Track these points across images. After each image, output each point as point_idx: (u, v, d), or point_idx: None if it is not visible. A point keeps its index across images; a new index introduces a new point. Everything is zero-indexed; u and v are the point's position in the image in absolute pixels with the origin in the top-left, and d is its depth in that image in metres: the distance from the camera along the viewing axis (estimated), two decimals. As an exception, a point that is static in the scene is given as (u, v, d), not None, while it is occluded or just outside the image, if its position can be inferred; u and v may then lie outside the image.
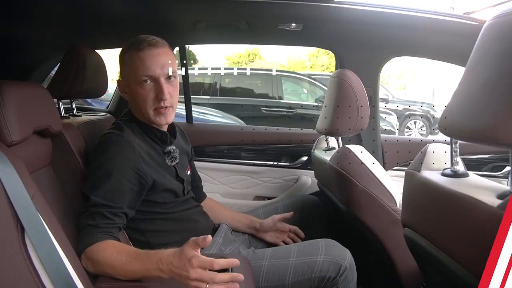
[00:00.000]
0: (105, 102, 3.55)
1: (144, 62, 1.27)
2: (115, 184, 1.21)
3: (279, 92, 6.53)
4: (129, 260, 1.10)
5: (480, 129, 0.68)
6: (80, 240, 1.14)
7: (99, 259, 1.11)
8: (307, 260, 1.34)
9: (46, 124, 1.17)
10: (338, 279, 1.33)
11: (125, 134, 1.29)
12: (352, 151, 1.44)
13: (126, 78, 1.34)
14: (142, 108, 1.32)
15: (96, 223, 1.15)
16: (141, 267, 1.08)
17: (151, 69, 1.27)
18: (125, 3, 1.59)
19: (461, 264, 0.77)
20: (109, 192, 1.19)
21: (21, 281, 0.78)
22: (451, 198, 0.78)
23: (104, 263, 1.10)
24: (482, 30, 0.76)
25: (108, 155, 1.24)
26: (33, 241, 0.82)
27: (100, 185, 1.20)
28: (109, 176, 1.21)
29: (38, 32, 1.92)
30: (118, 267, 1.10)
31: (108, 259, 1.10)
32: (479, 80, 0.72)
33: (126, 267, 1.09)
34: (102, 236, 1.14)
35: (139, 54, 1.28)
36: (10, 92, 0.98)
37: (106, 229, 1.16)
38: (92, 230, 1.14)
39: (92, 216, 1.16)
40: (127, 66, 1.32)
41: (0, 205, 0.79)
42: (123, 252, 1.12)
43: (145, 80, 1.28)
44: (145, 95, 1.29)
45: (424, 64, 16.36)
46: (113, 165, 1.22)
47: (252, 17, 1.78)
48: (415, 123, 9.18)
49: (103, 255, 1.11)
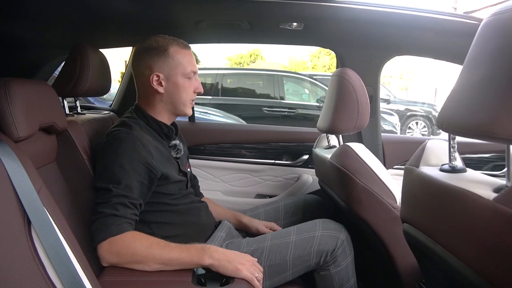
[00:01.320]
0: (107, 101, 3.58)
1: (190, 59, 1.43)
2: (131, 177, 1.25)
3: (280, 93, 6.54)
4: (166, 246, 1.18)
5: (476, 124, 0.69)
6: (103, 228, 1.16)
7: (132, 246, 1.16)
8: (306, 236, 1.43)
9: (52, 121, 1.19)
10: (337, 251, 1.42)
11: (134, 132, 1.33)
12: (352, 149, 1.45)
13: (168, 71, 1.40)
14: (183, 99, 1.44)
15: (122, 213, 1.19)
16: (182, 251, 1.18)
17: (195, 66, 1.45)
18: (128, 3, 1.61)
19: (458, 258, 0.78)
20: (127, 185, 1.24)
21: (28, 274, 0.78)
22: (448, 192, 0.80)
23: (138, 250, 1.16)
24: (480, 28, 0.78)
25: (121, 151, 1.28)
26: (39, 235, 0.83)
27: (119, 178, 1.24)
28: (125, 170, 1.25)
29: (43, 31, 1.93)
30: (157, 253, 1.16)
31: (144, 246, 1.16)
32: (476, 76, 0.73)
33: (163, 252, 1.17)
34: (128, 226, 1.19)
35: (185, 51, 1.43)
36: (17, 89, 0.99)
37: (130, 219, 1.21)
38: (119, 220, 1.18)
39: (115, 207, 1.19)
40: (173, 61, 1.40)
41: (8, 199, 0.80)
42: (159, 241, 1.20)
43: (192, 75, 1.44)
44: (189, 88, 1.44)
45: (426, 65, 16.36)
46: (127, 160, 1.26)
47: (253, 17, 1.80)
48: (417, 124, 9.18)
49: (138, 242, 1.17)
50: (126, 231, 1.17)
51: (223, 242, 1.46)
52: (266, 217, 1.81)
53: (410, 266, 1.35)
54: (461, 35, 1.63)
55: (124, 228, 1.17)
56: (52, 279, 0.83)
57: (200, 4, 1.67)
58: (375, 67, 2.07)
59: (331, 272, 1.44)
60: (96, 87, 1.65)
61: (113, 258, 1.15)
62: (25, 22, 1.76)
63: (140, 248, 1.16)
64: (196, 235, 1.44)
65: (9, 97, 0.97)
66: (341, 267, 1.44)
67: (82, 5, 1.57)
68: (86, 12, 1.68)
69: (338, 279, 1.45)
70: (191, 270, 1.17)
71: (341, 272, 1.45)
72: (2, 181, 0.80)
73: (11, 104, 0.97)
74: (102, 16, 1.74)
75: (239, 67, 18.74)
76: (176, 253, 1.17)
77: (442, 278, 0.98)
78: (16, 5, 1.52)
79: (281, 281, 1.42)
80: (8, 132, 0.96)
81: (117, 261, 1.16)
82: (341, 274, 1.45)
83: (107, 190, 1.22)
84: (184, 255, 1.17)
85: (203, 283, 1.17)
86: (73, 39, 1.95)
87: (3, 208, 0.78)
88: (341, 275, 1.45)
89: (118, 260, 1.15)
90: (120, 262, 1.16)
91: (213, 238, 1.47)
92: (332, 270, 1.44)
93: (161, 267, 1.16)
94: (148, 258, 1.15)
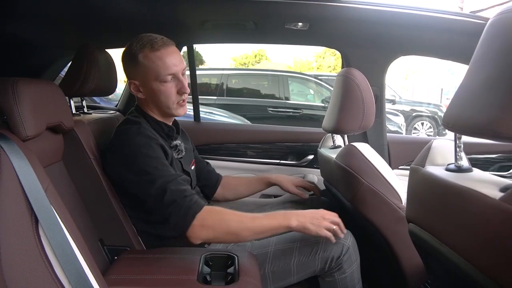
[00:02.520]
0: (113, 101, 3.59)
1: (164, 61, 1.34)
2: (165, 163, 1.31)
3: (285, 93, 6.54)
4: (255, 216, 1.29)
5: (482, 123, 0.69)
6: (186, 210, 1.22)
7: (221, 217, 1.26)
8: (311, 242, 1.41)
9: (59, 120, 1.20)
10: (342, 258, 1.39)
11: (143, 128, 1.36)
12: (358, 149, 1.45)
13: (141, 78, 1.38)
14: (163, 104, 1.39)
15: (190, 192, 1.26)
16: (268, 218, 1.28)
17: (172, 68, 1.35)
18: (134, 3, 1.62)
19: (464, 258, 0.78)
20: (168, 170, 1.29)
21: (36, 271, 0.79)
22: (454, 191, 0.80)
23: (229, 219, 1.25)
24: (486, 27, 0.78)
25: (140, 143, 1.30)
26: (46, 233, 0.84)
27: (160, 171, 1.28)
28: (155, 158, 1.29)
29: (50, 32, 1.95)
30: (247, 221, 1.26)
31: (232, 215, 1.26)
32: (482, 75, 0.73)
33: (255, 221, 1.27)
34: (203, 201, 1.27)
35: (157, 54, 1.34)
36: (24, 89, 1.00)
37: (195, 194, 1.28)
38: (193, 197, 1.25)
39: (177, 189, 1.25)
40: (143, 67, 1.36)
41: (16, 198, 0.81)
42: (243, 213, 1.28)
43: (167, 78, 1.36)
44: (168, 92, 1.37)
45: (432, 65, 16.29)
46: (153, 148, 1.30)
47: (259, 17, 1.80)
48: (423, 124, 9.15)
49: (225, 212, 1.26)
50: (205, 204, 1.25)
51: (228, 244, 1.46)
52: None
53: (416, 267, 1.34)
54: (468, 34, 1.63)
55: (202, 203, 1.25)
56: (59, 277, 0.83)
57: (205, 5, 1.67)
58: (381, 67, 2.07)
59: (335, 279, 1.42)
60: (103, 87, 1.66)
61: (208, 232, 1.22)
62: (32, 23, 1.78)
63: (232, 219, 1.25)
64: None
65: (17, 96, 0.98)
66: (346, 274, 1.42)
67: (88, 6, 1.58)
68: (92, 13, 1.69)
69: (343, 286, 1.42)
70: (196, 269, 1.18)
71: (346, 279, 1.42)
72: (10, 180, 0.80)
73: (19, 104, 0.98)
74: (108, 16, 1.75)
75: (244, 67, 18.75)
76: (266, 221, 1.27)
77: (448, 279, 0.98)
78: (23, 7, 1.53)
79: (286, 285, 1.42)
80: (16, 131, 0.97)
81: (210, 236, 1.23)
82: (346, 281, 1.42)
83: (152, 181, 1.25)
84: (273, 222, 1.26)
85: (208, 282, 1.17)
86: (79, 39, 1.96)
87: (11, 206, 0.79)
88: (346, 282, 1.42)
89: (212, 233, 1.23)
90: (213, 235, 1.23)
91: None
92: (337, 276, 1.42)
93: (253, 236, 1.29)
94: (242, 228, 1.25)
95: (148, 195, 1.26)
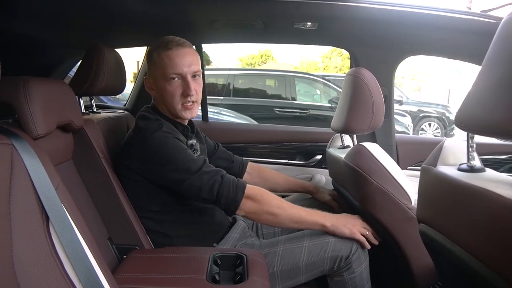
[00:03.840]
0: (121, 101, 3.61)
1: (172, 60, 1.36)
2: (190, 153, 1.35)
3: (292, 93, 6.54)
4: (297, 209, 1.37)
5: (494, 123, 0.68)
6: (235, 189, 1.30)
7: (264, 195, 1.34)
8: (320, 241, 1.41)
9: (69, 119, 1.21)
10: (351, 258, 1.40)
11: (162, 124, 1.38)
12: (367, 149, 1.44)
13: (153, 75, 1.41)
14: (169, 103, 1.40)
15: (223, 173, 1.32)
16: (306, 211, 1.39)
17: (179, 67, 1.36)
18: (144, 3, 1.62)
19: (477, 258, 0.77)
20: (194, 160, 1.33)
21: (46, 269, 0.80)
22: (467, 191, 0.79)
23: (270, 197, 1.35)
24: (500, 26, 0.77)
25: (166, 142, 1.33)
26: (57, 231, 0.85)
27: (183, 153, 1.32)
28: (181, 148, 1.33)
29: (60, 32, 1.96)
30: (286, 204, 1.36)
31: (275, 200, 1.35)
32: (495, 75, 0.73)
33: (293, 209, 1.36)
34: (244, 180, 1.36)
35: (168, 53, 1.36)
36: (36, 88, 1.01)
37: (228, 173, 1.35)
38: (231, 177, 1.32)
39: (214, 172, 1.32)
40: (155, 65, 1.38)
41: (27, 195, 0.82)
42: (280, 198, 1.38)
43: (173, 77, 1.37)
44: (173, 92, 1.38)
45: (439, 65, 16.19)
46: (177, 141, 1.34)
47: (268, 16, 1.80)
48: (430, 125, 9.10)
49: (264, 191, 1.35)
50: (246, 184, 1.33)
51: (237, 243, 1.46)
52: None
53: (425, 268, 1.33)
54: (478, 34, 1.61)
55: (243, 182, 1.33)
56: (69, 274, 0.84)
57: (214, 4, 1.68)
58: (389, 67, 2.06)
59: (345, 278, 1.42)
60: (112, 86, 1.67)
61: (252, 205, 1.30)
62: (42, 23, 1.79)
63: (274, 202, 1.33)
64: (209, 235, 1.44)
65: (28, 95, 0.99)
66: (355, 273, 1.41)
67: (98, 5, 1.59)
68: (102, 13, 1.70)
69: (352, 285, 1.42)
70: (205, 268, 1.18)
71: (355, 278, 1.42)
72: (22, 177, 0.81)
73: (30, 102, 0.99)
74: (118, 16, 1.76)
75: (250, 67, 18.78)
76: (303, 213, 1.36)
77: (459, 280, 0.97)
78: (33, 6, 1.54)
79: (294, 284, 1.42)
80: (27, 130, 0.98)
81: (256, 207, 1.31)
82: (355, 280, 1.42)
83: (187, 170, 1.29)
84: (311, 216, 1.36)
85: (216, 281, 1.17)
86: (88, 39, 1.97)
87: (22, 203, 0.79)
88: (355, 282, 1.42)
89: (257, 206, 1.31)
90: (258, 209, 1.32)
91: (226, 239, 1.47)
92: (346, 276, 1.42)
93: (289, 223, 1.36)
94: (281, 213, 1.32)
95: (185, 183, 1.29)
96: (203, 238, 1.43)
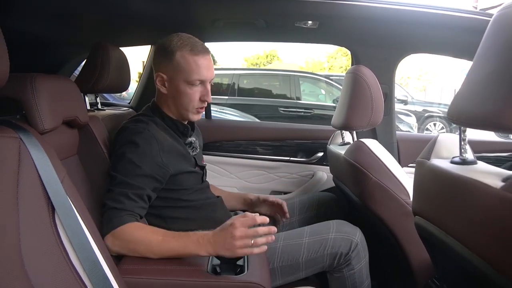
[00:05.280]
0: (126, 101, 3.65)
1: (199, 67, 1.36)
2: (139, 171, 1.28)
3: (297, 93, 6.55)
4: (166, 239, 1.19)
5: (485, 115, 0.70)
6: (107, 221, 1.19)
7: (132, 238, 1.18)
8: (320, 238, 1.41)
9: (74, 115, 1.24)
10: (351, 255, 1.40)
11: (150, 128, 1.35)
12: (366, 145, 1.46)
13: (172, 75, 1.38)
14: (184, 106, 1.40)
15: (123, 206, 1.21)
16: (180, 244, 1.18)
17: (204, 74, 1.37)
18: (148, 2, 1.65)
19: (468, 248, 0.79)
20: (134, 178, 1.26)
21: (52, 258, 0.82)
22: (457, 182, 0.81)
23: (138, 241, 1.18)
24: (490, 22, 0.79)
25: (137, 144, 1.30)
26: (62, 222, 0.87)
27: (128, 170, 1.27)
28: (134, 164, 1.27)
29: (66, 30, 1.99)
30: (155, 245, 1.18)
31: (142, 238, 1.19)
32: (486, 69, 0.75)
33: (163, 244, 1.18)
34: (130, 218, 1.21)
35: (195, 58, 1.36)
36: (42, 84, 1.04)
37: (132, 211, 1.23)
38: (120, 212, 1.20)
39: (117, 199, 1.22)
40: (178, 65, 1.36)
41: (34, 187, 0.84)
42: (159, 232, 1.22)
43: (196, 83, 1.37)
44: (191, 95, 1.38)
45: (445, 65, 16.12)
46: (138, 155, 1.29)
47: (269, 15, 1.82)
48: (435, 125, 9.07)
49: (137, 234, 1.19)
50: (126, 223, 1.19)
51: None
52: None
53: (424, 262, 1.35)
54: (476, 32, 1.62)
55: (124, 220, 1.19)
56: (75, 264, 0.86)
57: (217, 3, 1.70)
58: (390, 65, 2.08)
59: (344, 275, 1.43)
60: (117, 83, 1.71)
61: (117, 248, 1.18)
62: (49, 22, 1.82)
63: (140, 241, 1.19)
64: (211, 230, 1.46)
65: (35, 91, 1.02)
66: (354, 270, 1.43)
67: (103, 5, 1.62)
68: (107, 12, 1.73)
69: (351, 282, 1.43)
70: (207, 259, 1.20)
71: (355, 275, 1.43)
72: (29, 170, 0.84)
73: (37, 98, 1.02)
74: (122, 15, 1.79)
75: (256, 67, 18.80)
76: (175, 247, 1.18)
77: (454, 271, 0.99)
78: (39, 5, 1.57)
79: (295, 279, 1.43)
80: (34, 124, 1.01)
81: (121, 252, 1.19)
82: (355, 277, 1.43)
83: (114, 178, 1.26)
84: (182, 249, 1.18)
85: (217, 273, 1.19)
86: (93, 37, 2.00)
87: (30, 195, 0.82)
88: (354, 278, 1.43)
89: (121, 251, 1.19)
90: (123, 253, 1.19)
91: None
92: (346, 273, 1.43)
93: (160, 257, 1.19)
94: (148, 251, 1.18)
95: (109, 176, 1.29)
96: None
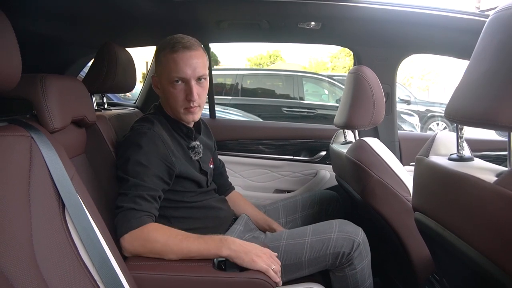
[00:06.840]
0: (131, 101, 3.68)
1: (177, 64, 1.33)
2: (149, 172, 1.29)
3: (300, 93, 6.56)
4: (187, 239, 1.21)
5: (481, 113, 0.73)
6: (125, 222, 1.20)
7: (152, 238, 1.19)
8: (322, 238, 1.41)
9: (82, 114, 1.27)
10: (353, 254, 1.40)
11: (155, 128, 1.37)
12: (368, 143, 1.49)
13: (159, 75, 1.41)
14: (172, 105, 1.40)
15: (140, 207, 1.22)
16: (200, 243, 1.20)
17: (183, 72, 1.34)
18: (154, 4, 1.68)
19: (465, 241, 0.81)
20: (145, 179, 1.27)
21: (63, 253, 0.85)
22: (454, 178, 0.84)
23: (158, 241, 1.19)
24: (486, 23, 0.81)
25: (141, 145, 1.31)
26: (72, 218, 0.90)
27: (138, 171, 1.27)
28: (143, 165, 1.28)
29: (74, 32, 2.02)
30: (175, 244, 1.19)
31: (163, 238, 1.20)
32: (481, 68, 0.77)
33: (184, 244, 1.20)
34: (149, 219, 1.22)
35: (173, 56, 1.34)
36: (52, 84, 1.07)
37: (149, 212, 1.24)
38: (138, 213, 1.21)
39: (134, 200, 1.23)
40: (161, 65, 1.38)
41: (45, 184, 0.87)
42: (178, 232, 1.23)
43: (176, 80, 1.35)
44: (176, 95, 1.37)
45: (448, 65, 16.06)
46: (146, 155, 1.30)
47: (273, 16, 1.85)
48: (438, 125, 9.05)
49: (157, 234, 1.20)
50: (146, 223, 1.21)
51: (242, 235, 1.51)
52: (284, 211, 1.85)
53: (424, 258, 1.37)
54: (476, 33, 1.64)
55: (143, 221, 1.20)
56: (84, 259, 0.89)
57: (221, 5, 1.73)
58: (392, 65, 2.10)
59: (346, 274, 1.44)
60: (123, 83, 1.74)
61: (135, 250, 1.19)
62: (56, 22, 1.85)
63: (160, 240, 1.19)
64: (215, 228, 1.48)
65: (45, 91, 1.05)
66: (356, 269, 1.44)
67: (110, 6, 1.65)
68: (113, 13, 1.76)
69: (353, 280, 1.44)
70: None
71: (357, 274, 1.44)
72: (40, 167, 0.87)
73: (47, 98, 1.05)
74: (129, 16, 1.82)
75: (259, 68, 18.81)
76: (195, 246, 1.20)
77: (453, 266, 1.01)
78: (47, 6, 1.60)
79: (298, 276, 1.44)
80: (44, 123, 1.04)
81: (138, 252, 1.20)
82: (357, 276, 1.44)
83: (126, 181, 1.26)
84: (203, 247, 1.20)
85: (223, 269, 1.22)
86: (100, 38, 2.04)
87: (41, 191, 0.85)
88: (356, 277, 1.44)
89: (139, 251, 1.20)
90: (141, 253, 1.20)
91: (232, 230, 1.51)
92: (348, 272, 1.44)
93: (180, 258, 1.20)
94: (167, 250, 1.19)
95: (119, 179, 1.30)
96: (209, 232, 1.46)
